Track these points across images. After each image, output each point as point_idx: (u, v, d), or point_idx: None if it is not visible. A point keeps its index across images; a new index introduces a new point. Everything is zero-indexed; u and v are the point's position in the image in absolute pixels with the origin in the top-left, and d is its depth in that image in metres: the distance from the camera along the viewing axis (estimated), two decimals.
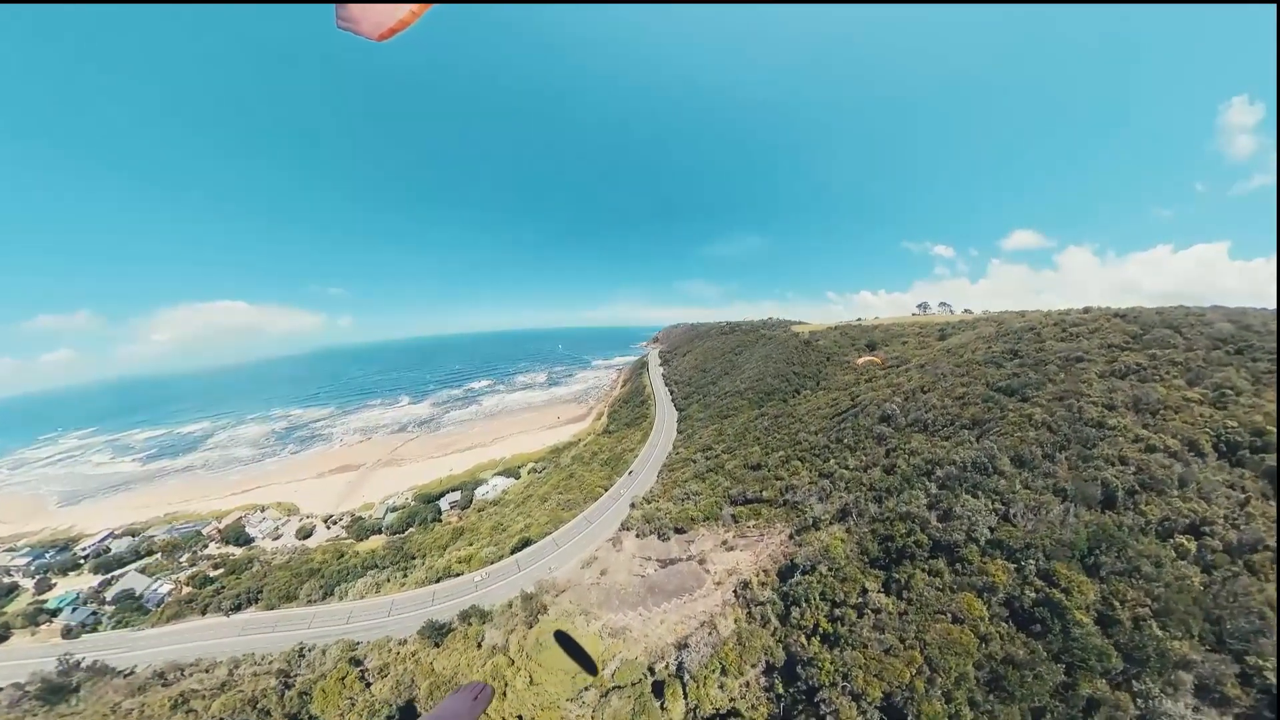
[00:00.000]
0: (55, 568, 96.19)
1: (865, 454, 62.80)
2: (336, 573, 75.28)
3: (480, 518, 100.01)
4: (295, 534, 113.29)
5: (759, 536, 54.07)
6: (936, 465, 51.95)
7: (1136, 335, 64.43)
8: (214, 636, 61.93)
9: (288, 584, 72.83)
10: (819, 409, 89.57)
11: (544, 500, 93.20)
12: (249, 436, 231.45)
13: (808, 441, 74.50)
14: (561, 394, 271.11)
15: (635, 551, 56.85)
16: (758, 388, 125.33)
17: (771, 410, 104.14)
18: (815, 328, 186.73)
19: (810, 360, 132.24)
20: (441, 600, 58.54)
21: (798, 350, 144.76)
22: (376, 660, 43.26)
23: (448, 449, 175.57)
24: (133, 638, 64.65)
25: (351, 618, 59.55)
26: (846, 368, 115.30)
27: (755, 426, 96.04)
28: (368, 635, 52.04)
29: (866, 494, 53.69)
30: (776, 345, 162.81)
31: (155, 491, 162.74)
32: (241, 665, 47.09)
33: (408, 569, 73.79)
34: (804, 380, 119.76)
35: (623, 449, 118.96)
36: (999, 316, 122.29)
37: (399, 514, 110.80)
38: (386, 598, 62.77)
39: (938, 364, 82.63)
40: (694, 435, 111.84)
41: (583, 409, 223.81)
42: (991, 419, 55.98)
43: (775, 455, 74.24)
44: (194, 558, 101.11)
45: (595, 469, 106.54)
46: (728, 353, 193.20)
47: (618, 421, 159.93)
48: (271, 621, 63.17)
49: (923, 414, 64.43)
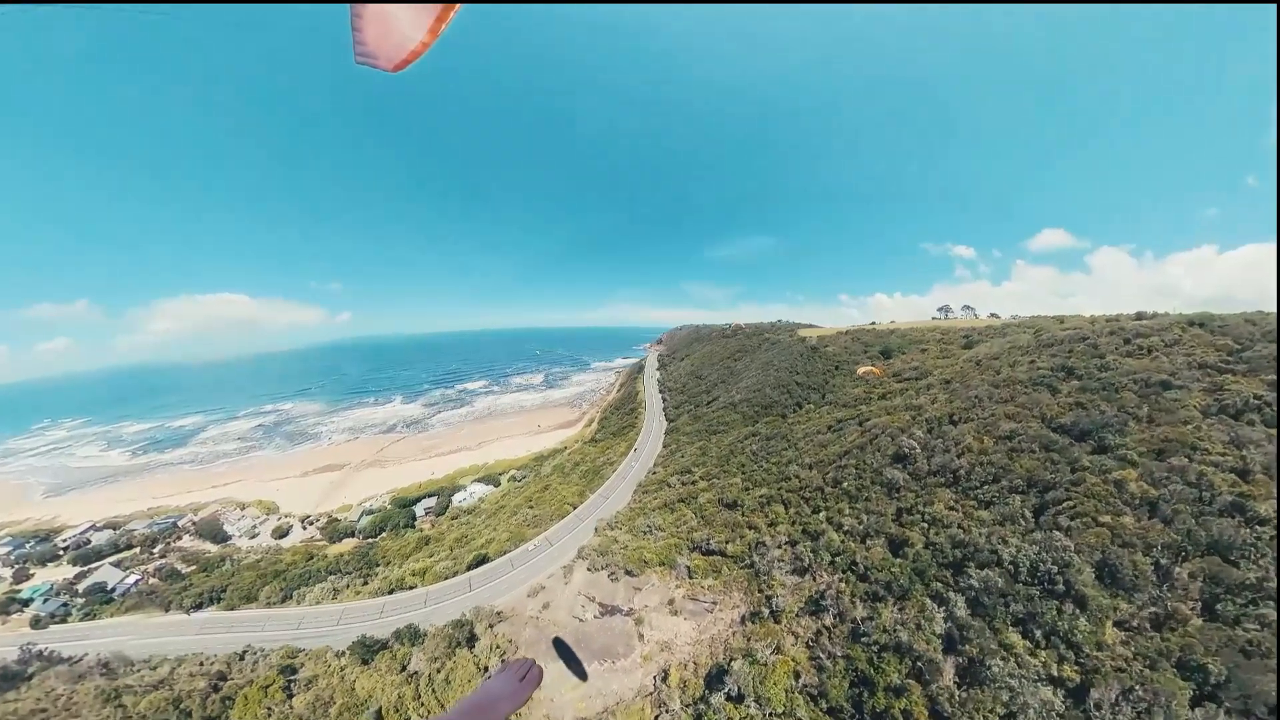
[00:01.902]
0: (34, 558, 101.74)
1: (868, 510, 50.17)
2: (299, 576, 78.71)
3: (451, 527, 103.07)
4: (271, 533, 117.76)
5: (711, 604, 48.04)
6: (970, 558, 37.17)
7: (1234, 351, 49.76)
8: (173, 633, 65.76)
9: (251, 585, 76.51)
10: (819, 432, 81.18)
11: (514, 513, 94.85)
12: (239, 431, 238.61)
13: (798, 478, 64.86)
14: (556, 397, 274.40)
15: (582, 588, 55.21)
16: (754, 400, 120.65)
17: (765, 429, 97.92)
18: (825, 332, 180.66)
19: (816, 369, 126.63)
20: (390, 614, 60.37)
21: (803, 357, 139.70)
22: (309, 671, 45.45)
23: (432, 451, 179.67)
24: (95, 629, 69.04)
25: (303, 623, 62.48)
26: (857, 379, 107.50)
27: (743, 449, 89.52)
28: (312, 643, 54.35)
29: (855, 584, 41.19)
30: (780, 351, 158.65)
31: (142, 484, 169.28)
32: (184, 664, 50.43)
33: (369, 577, 76.95)
34: (807, 392, 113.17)
35: (605, 461, 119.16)
36: (1031, 322, 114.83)
37: (374, 518, 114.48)
38: (340, 606, 65.69)
39: (968, 381, 70.65)
40: (677, 452, 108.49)
41: (575, 414, 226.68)
42: (1058, 481, 40.41)
43: (757, 493, 65.71)
44: (166, 549, 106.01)
45: (572, 482, 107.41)
46: (726, 358, 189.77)
47: (605, 430, 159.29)
48: (229, 622, 66.74)
49: (952, 458, 50.26)
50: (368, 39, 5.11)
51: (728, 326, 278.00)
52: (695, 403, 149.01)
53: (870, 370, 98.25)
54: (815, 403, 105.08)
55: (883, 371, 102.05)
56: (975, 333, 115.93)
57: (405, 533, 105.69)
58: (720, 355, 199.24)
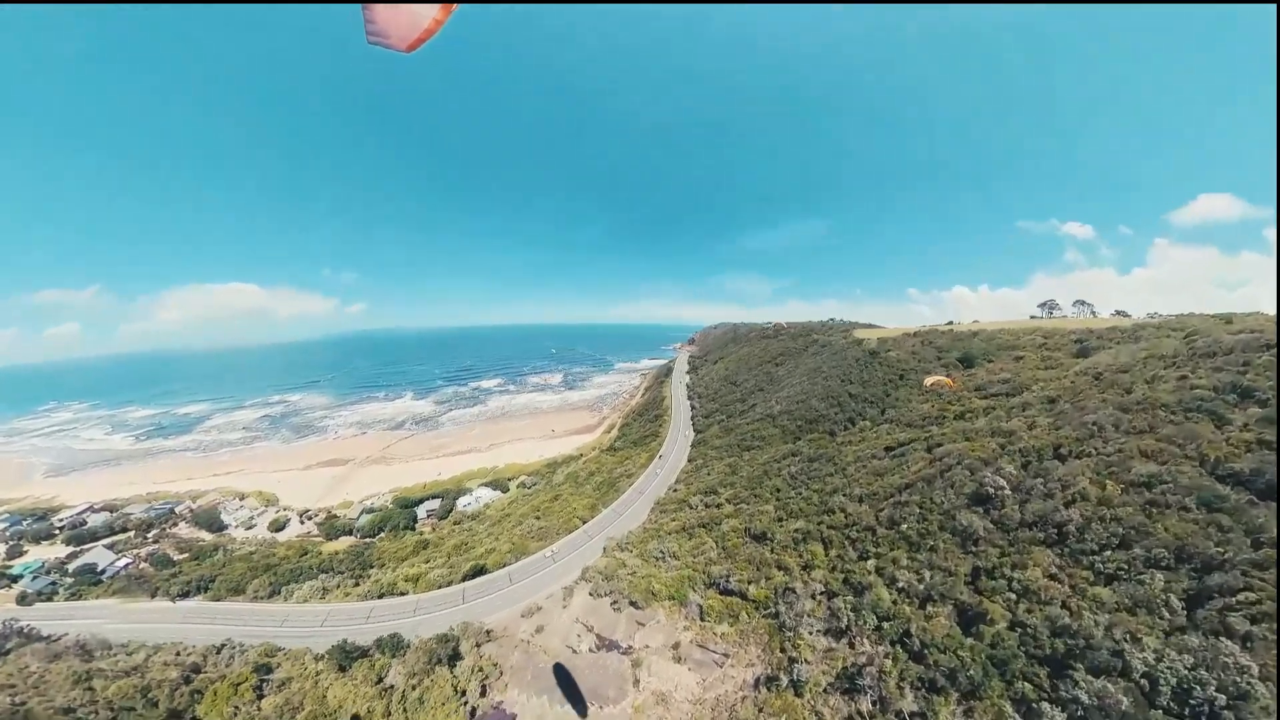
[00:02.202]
0: (30, 535, 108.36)
1: (933, 565, 42.56)
2: (290, 571, 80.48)
3: (452, 532, 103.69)
4: (268, 526, 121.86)
5: (721, 656, 44.73)
6: (1078, 655, 29.32)
7: None
8: (156, 620, 68.19)
9: (241, 577, 78.67)
10: (874, 456, 73.01)
11: (519, 523, 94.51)
12: (244, 421, 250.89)
13: (844, 512, 58.32)
14: (575, 399, 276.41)
15: (580, 614, 53.73)
16: (796, 413, 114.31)
17: (808, 448, 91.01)
18: (887, 333, 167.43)
19: (874, 378, 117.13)
20: (376, 619, 61.00)
21: (858, 363, 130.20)
22: (284, 672, 45.99)
23: (441, 451, 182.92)
24: (79, 609, 72.59)
25: (287, 621, 63.69)
26: (925, 391, 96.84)
27: (780, 471, 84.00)
28: (293, 643, 55.21)
29: (906, 664, 34.79)
30: (830, 355, 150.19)
31: (143, 469, 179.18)
32: (161, 652, 51.89)
33: (361, 578, 77.97)
34: (862, 406, 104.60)
35: (622, 472, 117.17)
36: (1180, 321, 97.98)
37: (373, 517, 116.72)
38: (326, 606, 66.67)
39: (1083, 401, 60.19)
40: (703, 469, 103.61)
41: (594, 418, 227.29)
42: (1230, 559, 31.20)
43: (791, 525, 60.74)
44: (161, 534, 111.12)
45: (585, 493, 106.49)
46: (766, 362, 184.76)
47: (626, 438, 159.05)
48: (213, 613, 68.61)
49: (1057, 506, 41.02)
50: (378, 18, 5.47)
51: (768, 326, 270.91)
52: (727, 412, 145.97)
53: (940, 381, 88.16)
54: (872, 419, 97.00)
55: (957, 383, 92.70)
56: (1093, 336, 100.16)
57: (404, 535, 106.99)
58: (759, 359, 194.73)
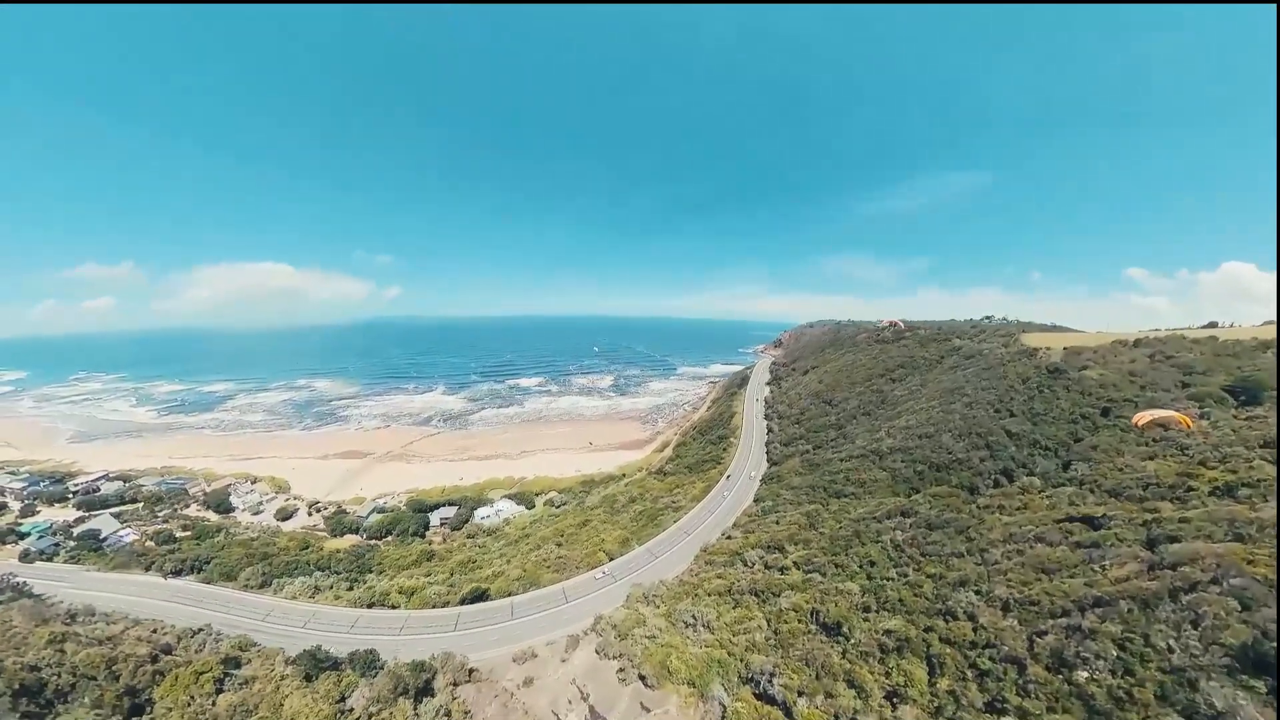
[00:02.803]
0: (44, 497, 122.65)
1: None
2: (285, 564, 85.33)
3: (463, 545, 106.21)
4: (275, 513, 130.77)
5: None
6: None
7: None
8: (145, 594, 74.35)
9: (236, 562, 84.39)
10: (1041, 538, 53.53)
11: (537, 547, 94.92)
12: (267, 403, 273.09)
13: (972, 619, 45.22)
14: (626, 407, 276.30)
15: (580, 674, 52.11)
16: (916, 452, 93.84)
17: (929, 508, 71.87)
18: (1082, 340, 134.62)
19: (1055, 410, 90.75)
20: (360, 630, 63.59)
21: (1026, 385, 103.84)
22: (252, 670, 48.52)
23: (466, 453, 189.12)
24: (74, 574, 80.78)
25: (270, 616, 67.52)
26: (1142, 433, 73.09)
27: (880, 534, 68.92)
28: (271, 640, 58.46)
29: None
30: (979, 371, 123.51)
31: (162, 443, 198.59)
32: (139, 627, 56.51)
33: (355, 582, 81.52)
34: (1029, 452, 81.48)
35: (669, 503, 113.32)
36: None
37: (383, 517, 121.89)
38: (313, 606, 70.26)
39: None
40: (771, 513, 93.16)
41: (646, 432, 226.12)
42: None
43: (882, 622, 49.38)
44: (171, 514, 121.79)
45: (620, 523, 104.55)
46: (878, 376, 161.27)
47: (681, 460, 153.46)
48: (201, 595, 74.01)
49: None
50: None
51: (883, 325, 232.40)
52: (814, 441, 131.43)
53: (1168, 418, 69.32)
54: (1044, 476, 74.68)
55: (1191, 422, 70.47)
56: None
57: (412, 541, 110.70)
58: (868, 370, 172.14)
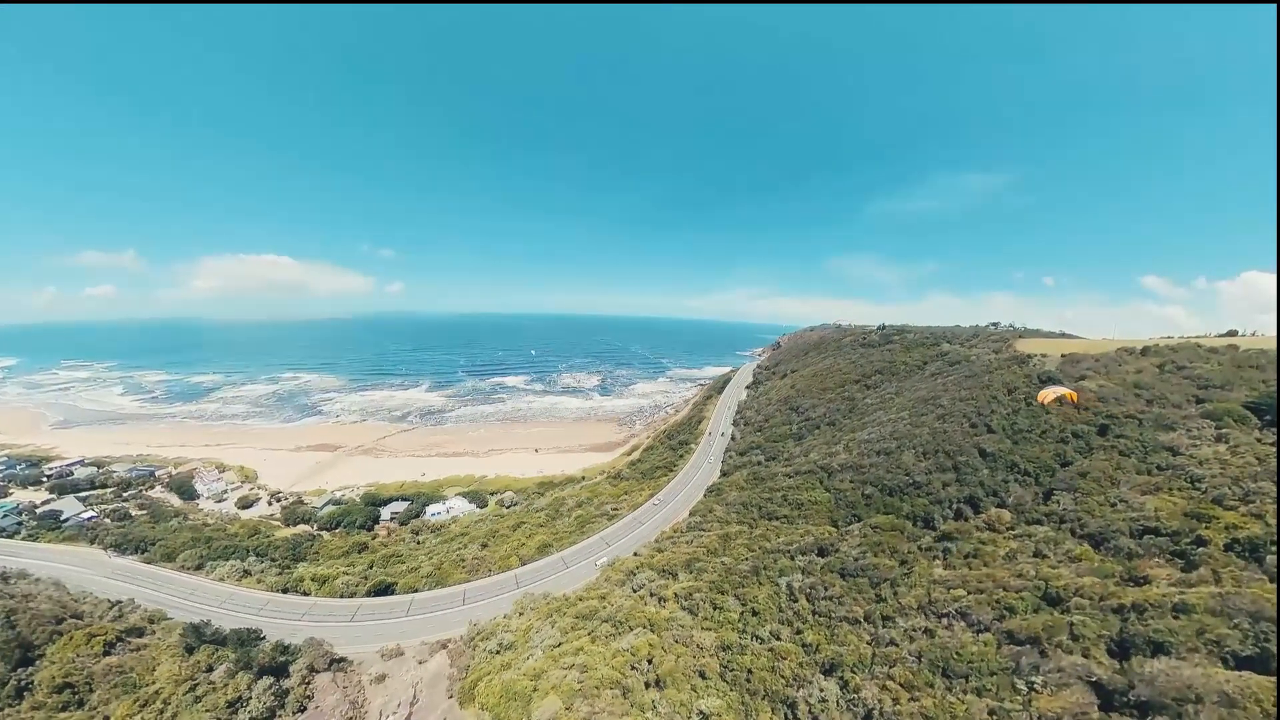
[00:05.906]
0: (19, 479, 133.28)
1: None
2: (223, 549, 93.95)
3: (401, 540, 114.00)
4: (236, 502, 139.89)
5: None
6: None
7: None
8: (86, 569, 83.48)
9: (181, 545, 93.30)
10: (968, 610, 48.03)
11: (463, 548, 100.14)
12: (251, 395, 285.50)
13: None
14: (607, 408, 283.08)
15: (427, 678, 56.80)
16: (870, 471, 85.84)
17: (855, 547, 64.45)
18: (1084, 347, 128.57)
19: (1043, 424, 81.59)
20: (268, 614, 70.94)
21: (1011, 397, 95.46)
22: (150, 639, 55.90)
23: (434, 450, 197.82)
24: (29, 549, 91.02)
25: (194, 594, 75.86)
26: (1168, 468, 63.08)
27: (780, 574, 62.71)
28: (187, 615, 65.94)
29: None
30: (961, 379, 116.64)
31: (143, 431, 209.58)
32: (57, 590, 65.28)
33: (287, 569, 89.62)
34: (1005, 476, 73.50)
35: (611, 510, 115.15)
36: None
37: (336, 509, 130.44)
38: (233, 588, 78.57)
39: None
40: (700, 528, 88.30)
41: (621, 434, 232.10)
42: None
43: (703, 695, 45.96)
44: (137, 495, 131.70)
45: (557, 528, 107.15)
46: (852, 381, 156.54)
47: (640, 465, 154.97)
48: (136, 573, 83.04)
49: None
50: None
51: (875, 329, 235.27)
52: (769, 452, 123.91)
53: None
54: (1016, 507, 66.38)
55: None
56: None
57: (355, 533, 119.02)
58: (843, 375, 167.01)
